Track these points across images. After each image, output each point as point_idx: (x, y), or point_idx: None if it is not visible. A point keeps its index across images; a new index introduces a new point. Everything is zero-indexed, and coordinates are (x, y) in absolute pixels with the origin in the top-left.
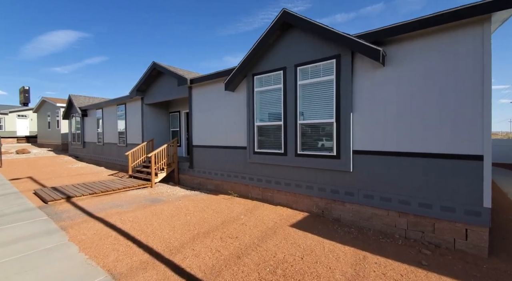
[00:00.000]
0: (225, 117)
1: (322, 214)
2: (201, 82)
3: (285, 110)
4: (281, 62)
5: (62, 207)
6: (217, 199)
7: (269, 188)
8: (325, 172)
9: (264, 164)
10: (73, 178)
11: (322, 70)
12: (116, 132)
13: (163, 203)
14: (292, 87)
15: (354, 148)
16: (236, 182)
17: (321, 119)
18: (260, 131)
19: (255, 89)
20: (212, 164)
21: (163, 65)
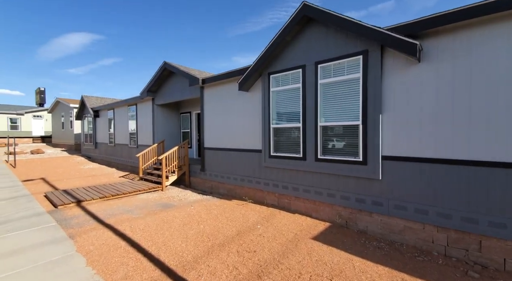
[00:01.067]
0: (239, 119)
1: (345, 225)
2: (213, 82)
3: (304, 111)
4: (300, 59)
5: (72, 212)
6: (230, 205)
7: (286, 195)
8: (349, 179)
9: (281, 168)
10: (84, 179)
11: (346, 68)
12: (127, 133)
13: (175, 208)
14: (312, 86)
15: (383, 154)
16: (250, 187)
17: (345, 121)
18: (276, 134)
19: (271, 88)
20: (225, 168)
21: (174, 64)
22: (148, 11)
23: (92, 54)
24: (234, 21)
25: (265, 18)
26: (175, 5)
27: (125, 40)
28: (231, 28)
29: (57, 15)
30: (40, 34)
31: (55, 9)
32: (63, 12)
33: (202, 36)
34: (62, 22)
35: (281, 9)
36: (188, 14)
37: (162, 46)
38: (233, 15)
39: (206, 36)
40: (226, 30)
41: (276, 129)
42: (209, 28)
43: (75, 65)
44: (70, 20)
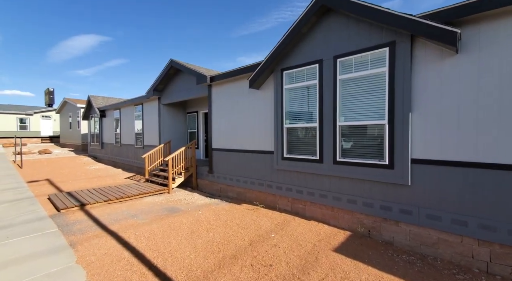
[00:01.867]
0: (249, 118)
1: (368, 235)
2: (222, 80)
3: (321, 109)
4: (316, 54)
5: (75, 217)
6: (240, 210)
7: (300, 199)
8: (373, 184)
9: (295, 171)
10: (90, 181)
11: (370, 62)
12: (133, 133)
13: (182, 213)
14: (330, 83)
15: (413, 157)
16: (260, 190)
17: (368, 120)
18: (290, 134)
19: (284, 86)
20: (234, 170)
21: (181, 62)
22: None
23: (99, 55)
24: (239, 21)
25: (270, 18)
26: (179, 5)
27: (131, 41)
28: (236, 28)
29: (66, 17)
30: (50, 36)
31: (64, 11)
32: (72, 14)
33: (207, 36)
34: (71, 25)
35: (286, 9)
36: (193, 15)
37: (167, 47)
38: (238, 15)
39: (211, 36)
40: (231, 30)
41: (290, 129)
42: (214, 28)
43: (83, 66)
44: (78, 22)
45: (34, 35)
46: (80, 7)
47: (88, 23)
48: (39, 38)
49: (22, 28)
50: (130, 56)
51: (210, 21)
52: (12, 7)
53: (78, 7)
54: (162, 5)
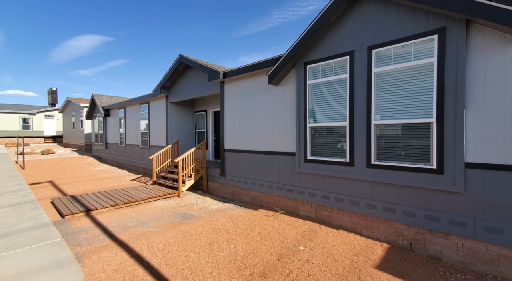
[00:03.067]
0: (266, 117)
1: (409, 248)
2: (236, 76)
3: (351, 107)
4: (346, 44)
5: (80, 223)
6: (258, 217)
7: (326, 206)
8: (416, 190)
9: (320, 175)
10: (94, 183)
11: (413, 52)
12: (138, 133)
13: (196, 220)
14: (364, 77)
15: (467, 160)
16: (279, 195)
17: (410, 118)
18: (314, 134)
19: (308, 81)
20: (249, 172)
21: (191, 58)
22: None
23: (101, 55)
24: (241, 21)
25: (271, 18)
26: (181, 6)
27: (133, 41)
28: (238, 28)
29: (69, 18)
30: (53, 37)
31: (67, 12)
32: (75, 15)
33: (208, 36)
34: (74, 25)
35: (287, 9)
36: (194, 15)
37: (168, 47)
38: (239, 15)
39: (212, 36)
40: (232, 30)
41: (314, 129)
42: (215, 28)
43: (85, 66)
44: (81, 23)
45: (36, 35)
46: (82, 8)
47: (91, 24)
48: (41, 38)
49: (24, 28)
50: (132, 56)
51: (211, 21)
52: (14, 7)
53: (80, 8)
54: (163, 5)
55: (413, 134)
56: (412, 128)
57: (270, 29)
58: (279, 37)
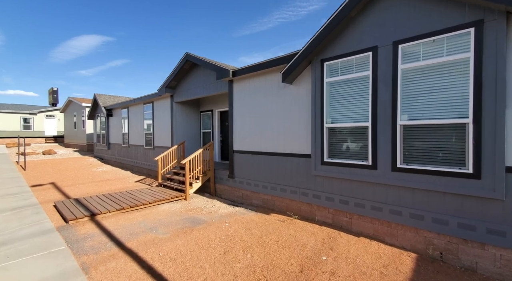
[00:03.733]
0: (278, 117)
1: (440, 258)
2: (246, 74)
3: (374, 106)
4: (369, 40)
5: (85, 229)
6: (272, 222)
7: (344, 211)
8: (449, 196)
9: (338, 178)
10: (97, 184)
11: (446, 46)
12: (142, 133)
13: (206, 225)
14: (388, 74)
15: (508, 164)
16: (293, 199)
17: (442, 118)
18: (332, 135)
19: (326, 79)
20: (259, 174)
21: (198, 56)
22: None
23: (101, 55)
24: (241, 21)
25: (271, 18)
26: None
27: (134, 41)
28: (238, 28)
29: (69, 18)
30: (53, 37)
31: (67, 12)
32: (75, 15)
33: (209, 36)
34: (74, 25)
35: (287, 9)
36: (194, 15)
37: (168, 47)
38: (239, 15)
39: (213, 36)
40: (232, 30)
41: (332, 130)
42: (215, 28)
43: (86, 66)
44: (81, 23)
45: (36, 35)
46: (82, 8)
47: (91, 24)
48: (41, 38)
49: (25, 28)
50: (132, 56)
51: (211, 21)
52: (15, 7)
53: (80, 8)
54: (163, 5)
55: (445, 135)
56: (444, 129)
57: (270, 29)
58: (279, 37)
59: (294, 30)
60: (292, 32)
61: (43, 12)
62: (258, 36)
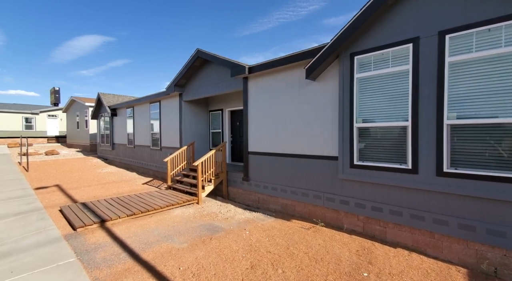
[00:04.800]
0: (299, 116)
1: (494, 274)
2: (264, 71)
3: (415, 103)
4: (409, 30)
5: (95, 238)
6: (296, 230)
7: (377, 219)
8: (509, 206)
9: (370, 183)
10: (104, 187)
11: (504, 36)
12: (148, 133)
13: (226, 234)
14: (432, 68)
15: None
16: (316, 204)
17: (506, 116)
18: (363, 136)
19: (356, 74)
20: (278, 177)
21: (210, 52)
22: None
23: (102, 56)
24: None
25: (271, 18)
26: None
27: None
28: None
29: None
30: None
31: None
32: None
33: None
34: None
35: (288, 9)
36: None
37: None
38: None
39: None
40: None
41: (363, 130)
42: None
43: (87, 67)
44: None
45: (37, 35)
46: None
47: (91, 24)
48: (42, 38)
49: (25, 28)
50: (133, 57)
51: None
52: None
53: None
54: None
55: (503, 136)
56: (500, 129)
57: (271, 29)
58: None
59: (294, 31)
60: (293, 32)
61: (43, 12)
62: (259, 36)
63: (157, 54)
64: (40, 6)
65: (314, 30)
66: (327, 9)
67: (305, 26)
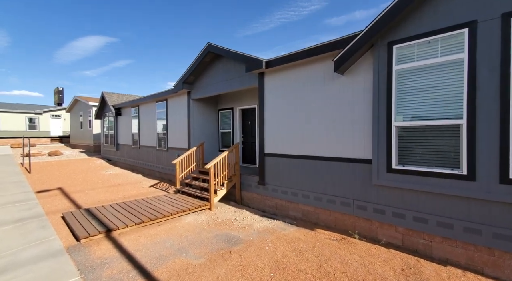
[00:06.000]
0: (324, 114)
1: None
2: (283, 65)
3: (471, 99)
4: (463, 13)
5: (101, 251)
6: (324, 241)
7: (421, 231)
8: None
9: (412, 190)
10: (109, 190)
11: None
12: (154, 133)
13: (246, 246)
14: (495, 56)
15: None
16: (344, 212)
17: None
18: (404, 136)
19: (395, 66)
20: (298, 182)
21: (222, 46)
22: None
23: (105, 56)
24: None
25: (273, 18)
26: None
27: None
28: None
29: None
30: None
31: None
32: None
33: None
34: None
35: (289, 9)
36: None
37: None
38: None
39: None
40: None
41: (404, 129)
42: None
43: (90, 67)
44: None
45: (41, 36)
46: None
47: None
48: (46, 39)
49: (30, 30)
50: (135, 57)
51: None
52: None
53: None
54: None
55: None
56: None
57: (272, 29)
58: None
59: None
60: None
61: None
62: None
63: (159, 54)
64: (45, 7)
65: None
66: (329, 8)
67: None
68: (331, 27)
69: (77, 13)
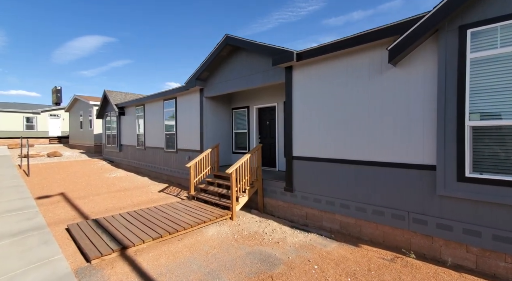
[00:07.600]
0: (370, 111)
1: None
2: (318, 57)
3: None
4: None
5: (117, 276)
6: (378, 263)
7: (501, 252)
8: None
9: (491, 203)
10: (115, 196)
11: None
12: (162, 134)
13: (287, 269)
14: None
15: None
16: (396, 227)
17: None
18: (481, 139)
19: (469, 54)
20: (334, 189)
21: (243, 38)
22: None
23: (103, 56)
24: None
25: (271, 18)
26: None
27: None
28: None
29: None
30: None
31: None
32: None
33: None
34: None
35: (287, 10)
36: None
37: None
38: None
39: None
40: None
41: (481, 130)
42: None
43: (88, 67)
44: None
45: (39, 36)
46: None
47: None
48: (44, 39)
49: (27, 29)
50: (134, 57)
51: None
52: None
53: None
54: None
55: None
56: None
57: (271, 29)
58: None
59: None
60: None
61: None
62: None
63: (158, 53)
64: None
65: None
66: (327, 9)
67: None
68: (329, 27)
69: (75, 12)
